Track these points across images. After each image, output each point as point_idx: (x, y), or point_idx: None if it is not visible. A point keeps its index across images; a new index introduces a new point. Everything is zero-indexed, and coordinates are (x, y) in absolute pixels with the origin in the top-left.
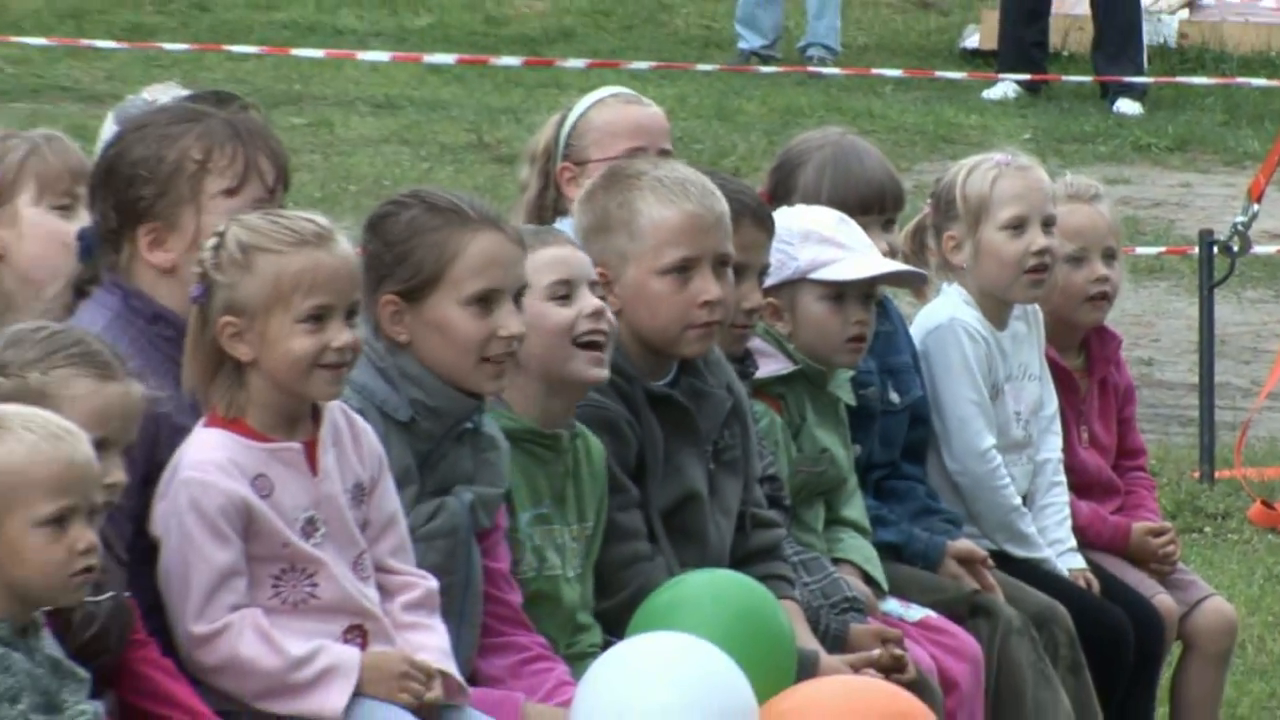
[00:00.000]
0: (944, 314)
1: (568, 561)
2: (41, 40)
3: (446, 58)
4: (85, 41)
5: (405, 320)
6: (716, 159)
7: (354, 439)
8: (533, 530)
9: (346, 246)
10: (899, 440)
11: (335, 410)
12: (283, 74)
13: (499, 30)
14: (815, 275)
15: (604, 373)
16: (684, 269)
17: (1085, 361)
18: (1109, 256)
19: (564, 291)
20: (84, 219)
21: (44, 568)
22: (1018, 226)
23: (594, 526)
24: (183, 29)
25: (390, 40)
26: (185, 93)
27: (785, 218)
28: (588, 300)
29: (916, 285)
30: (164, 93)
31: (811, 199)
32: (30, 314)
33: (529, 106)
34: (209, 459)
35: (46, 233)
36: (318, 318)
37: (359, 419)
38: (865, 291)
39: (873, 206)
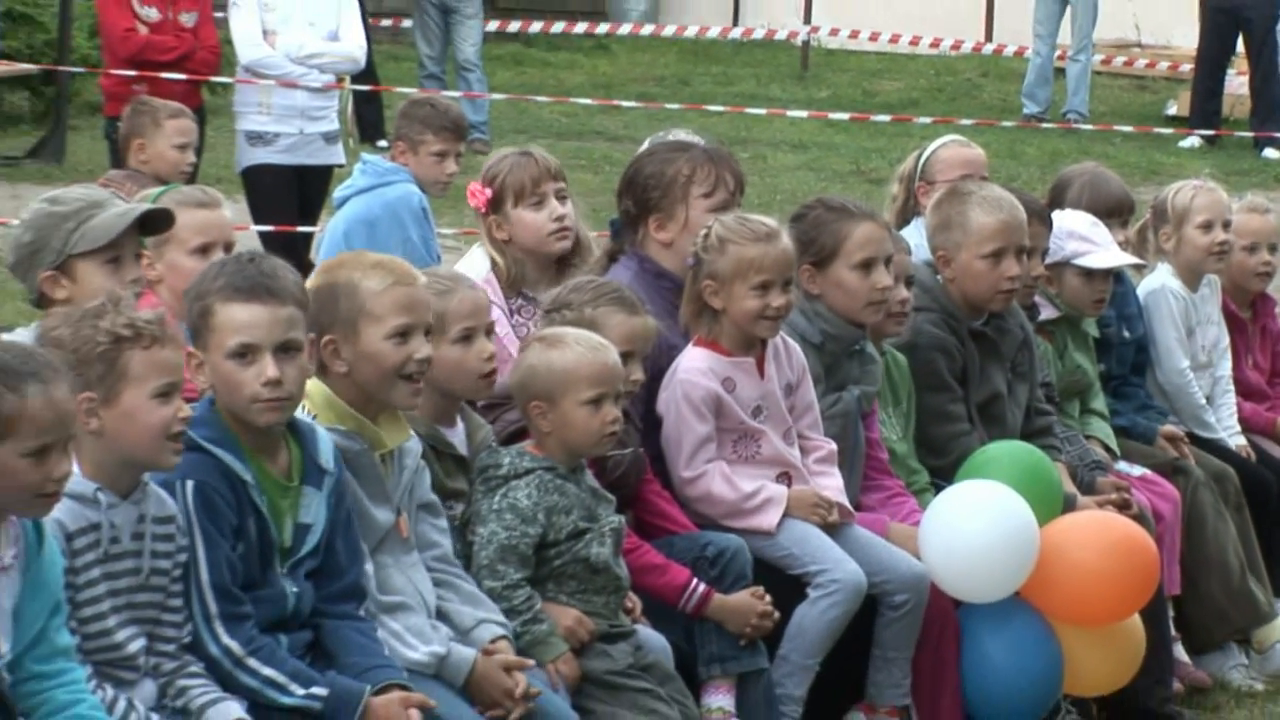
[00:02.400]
0: (1158, 282)
1: (893, 429)
2: (585, 100)
3: (841, 115)
4: (614, 101)
5: (818, 280)
6: (1011, 182)
7: (786, 354)
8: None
9: (787, 242)
10: (1128, 361)
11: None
12: (736, 125)
13: (872, 99)
14: (1076, 262)
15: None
16: (997, 255)
17: (1252, 314)
18: (1272, 248)
19: None
20: (552, 210)
21: (586, 432)
22: (1207, 226)
23: (906, 408)
24: (673, 95)
25: (804, 104)
26: (687, 136)
27: (1057, 219)
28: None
29: (1139, 267)
30: (681, 134)
31: (1074, 207)
32: (541, 279)
33: (891, 148)
34: (696, 366)
35: (529, 223)
36: (764, 287)
37: (790, 341)
38: (1107, 272)
39: (1114, 212)
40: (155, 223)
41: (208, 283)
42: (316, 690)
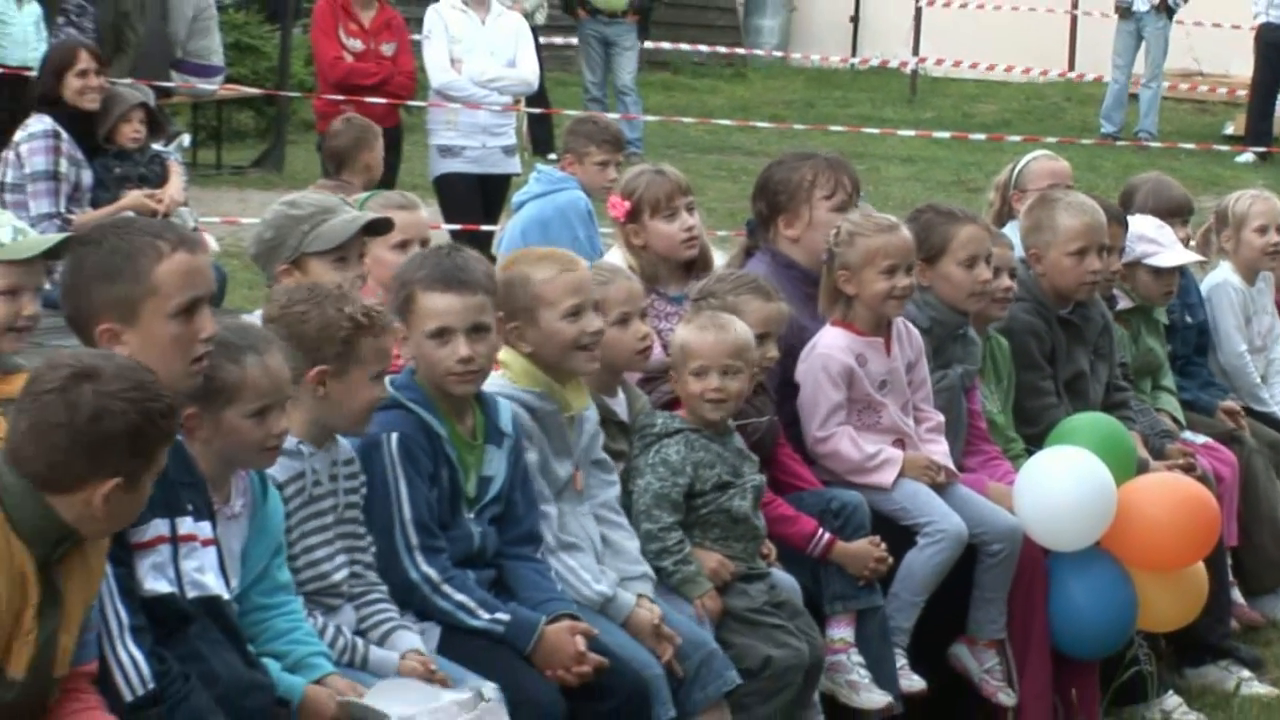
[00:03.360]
0: (1220, 277)
1: (993, 402)
2: (725, 120)
3: (943, 134)
4: (749, 121)
5: (928, 274)
6: (1090, 192)
7: (908, 336)
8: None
9: (906, 234)
10: (1191, 342)
11: (898, 320)
12: (854, 142)
13: (971, 120)
14: (1147, 261)
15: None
16: (1081, 253)
17: None
18: None
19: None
20: (683, 221)
21: (705, 404)
22: (1263, 230)
23: (1006, 385)
24: (799, 116)
25: (912, 124)
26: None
27: (1130, 224)
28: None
29: (1202, 263)
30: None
31: (1141, 209)
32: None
33: (986, 162)
34: (834, 343)
35: (663, 233)
36: (890, 271)
37: (910, 325)
38: (1174, 269)
39: (1176, 213)
40: (376, 228)
41: (412, 272)
42: (500, 616)
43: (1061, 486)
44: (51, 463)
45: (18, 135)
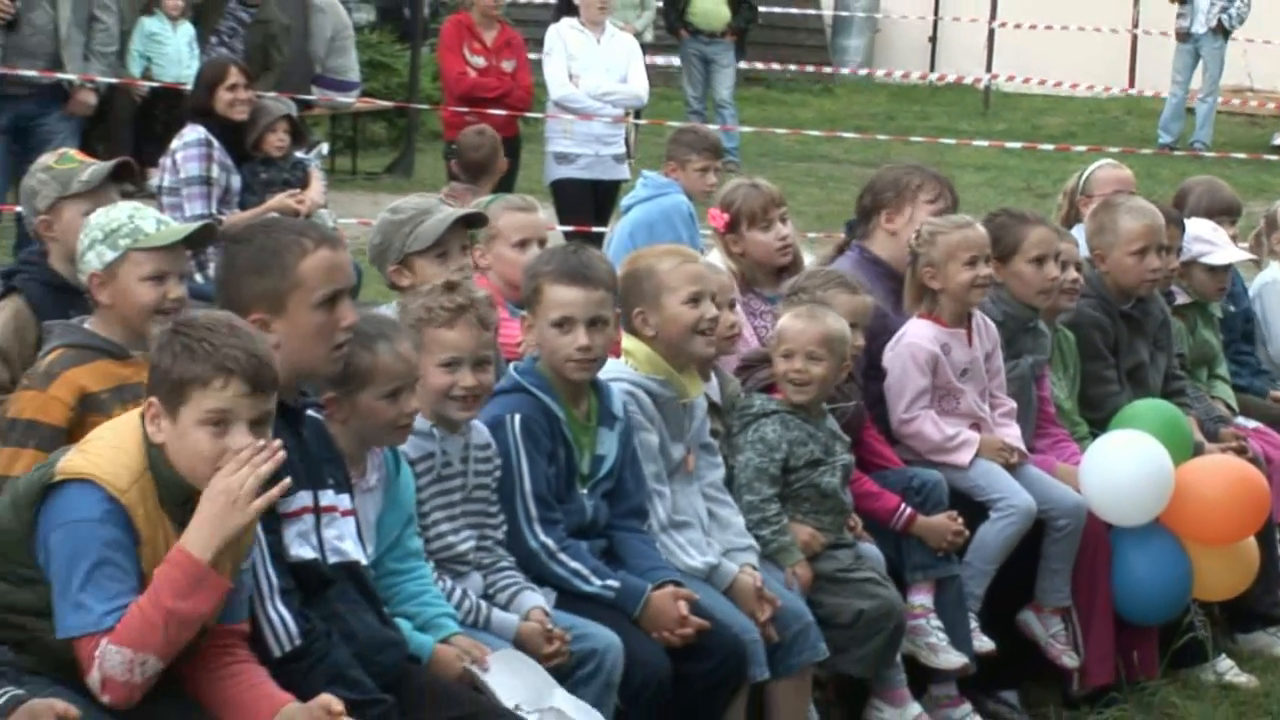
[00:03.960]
0: (1270, 276)
1: (1061, 389)
2: (814, 132)
3: (1014, 144)
4: (836, 132)
5: (1001, 271)
6: (1149, 197)
7: (985, 329)
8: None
9: (981, 228)
10: (1237, 329)
11: (978, 314)
12: (932, 152)
13: (1039, 131)
14: (1202, 260)
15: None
16: (1142, 252)
17: None
18: None
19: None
20: (778, 231)
21: (788, 384)
22: None
23: (1073, 374)
24: (882, 128)
25: (985, 135)
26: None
27: (1187, 226)
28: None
29: (1251, 262)
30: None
31: (1195, 209)
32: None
33: (1054, 170)
34: (921, 333)
35: (760, 242)
36: (972, 262)
37: (987, 318)
38: (1226, 266)
39: (1226, 212)
40: (474, 221)
41: (541, 266)
42: (610, 582)
43: (1123, 467)
44: None
45: (174, 144)
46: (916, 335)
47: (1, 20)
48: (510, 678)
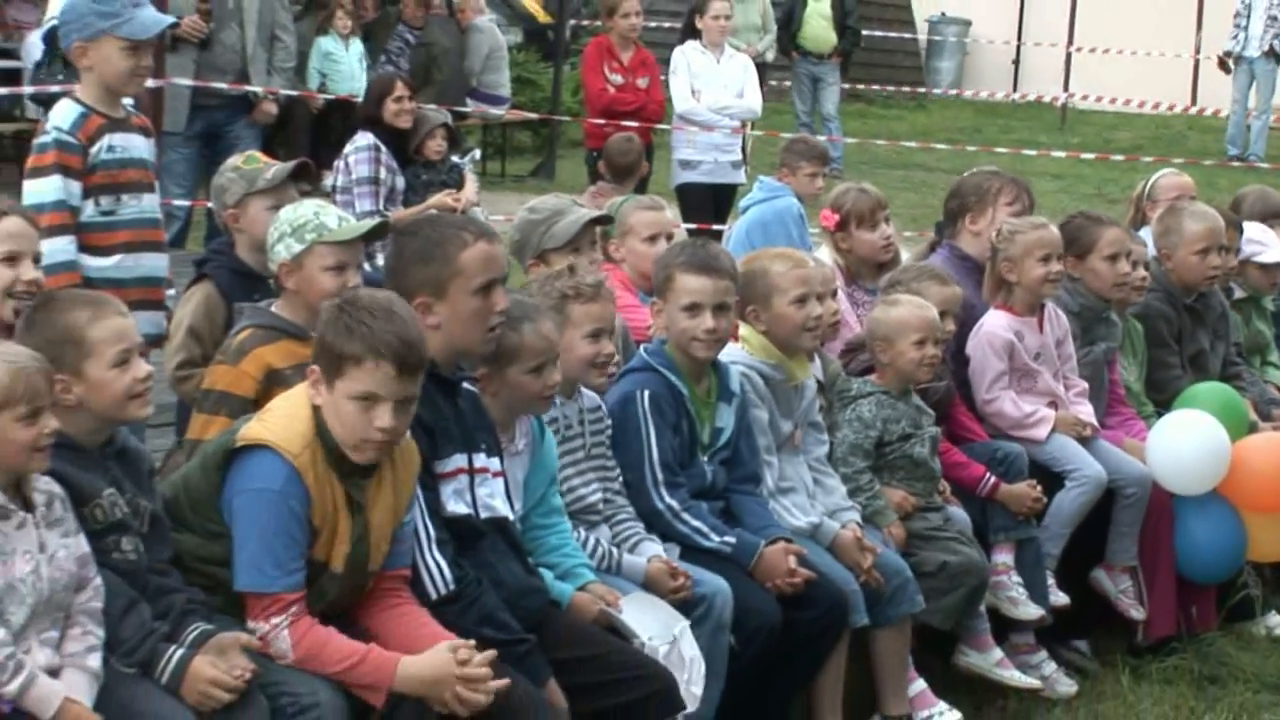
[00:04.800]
0: None
1: (1130, 373)
2: (909, 143)
3: (1088, 155)
4: (929, 144)
5: (1078, 267)
6: (1209, 202)
7: (1056, 319)
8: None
9: (1055, 230)
10: None
11: (1049, 305)
12: (1014, 162)
13: (1110, 144)
14: (1256, 259)
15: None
16: (1204, 252)
17: None
18: None
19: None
20: (882, 231)
21: (911, 363)
22: None
23: (1141, 359)
24: (969, 140)
25: (1062, 147)
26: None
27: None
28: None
29: None
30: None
31: (1249, 214)
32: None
33: (1123, 179)
34: (998, 322)
35: (866, 240)
36: (1046, 259)
37: (1058, 310)
38: (1276, 263)
39: (1277, 217)
40: (602, 222)
41: (673, 257)
42: (728, 539)
43: (1185, 443)
44: None
45: (347, 149)
46: (993, 324)
47: (195, 39)
48: (641, 615)
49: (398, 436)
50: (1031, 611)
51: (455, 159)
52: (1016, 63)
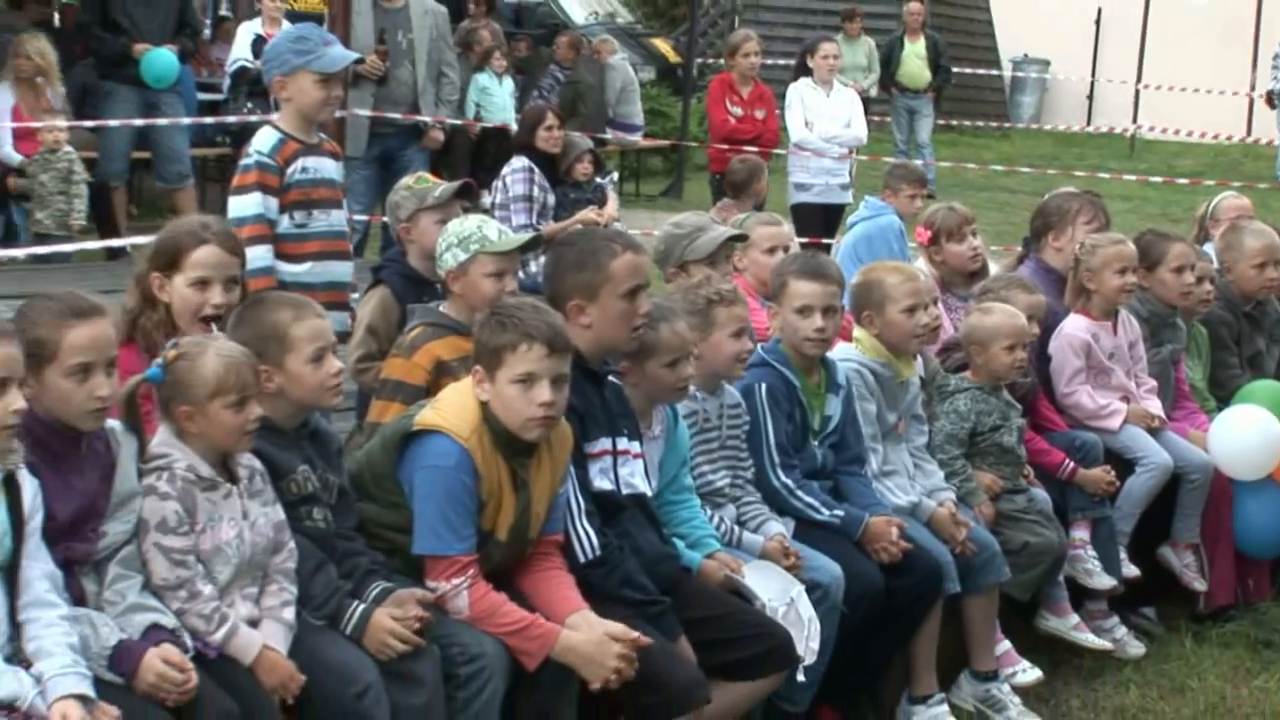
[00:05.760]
0: None
1: (1195, 372)
2: (996, 167)
3: (1155, 180)
4: (1013, 168)
5: (1147, 278)
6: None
7: (1128, 322)
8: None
9: (1132, 246)
10: None
11: (1122, 311)
12: (1087, 184)
13: (1174, 170)
14: None
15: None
16: (1261, 265)
17: None
18: None
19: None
20: (970, 244)
21: (1002, 365)
22: None
23: (1204, 360)
24: (1048, 165)
25: (1131, 173)
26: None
27: None
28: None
29: None
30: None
31: None
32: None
33: (1185, 201)
34: (1077, 325)
35: (957, 253)
36: (1123, 271)
37: (1131, 316)
38: None
39: None
40: (737, 239)
41: (787, 266)
42: (837, 513)
43: (1243, 434)
44: None
45: (505, 170)
46: (1073, 327)
47: (374, 76)
48: (761, 579)
49: (558, 411)
50: (1105, 582)
51: (599, 180)
52: (1090, 98)
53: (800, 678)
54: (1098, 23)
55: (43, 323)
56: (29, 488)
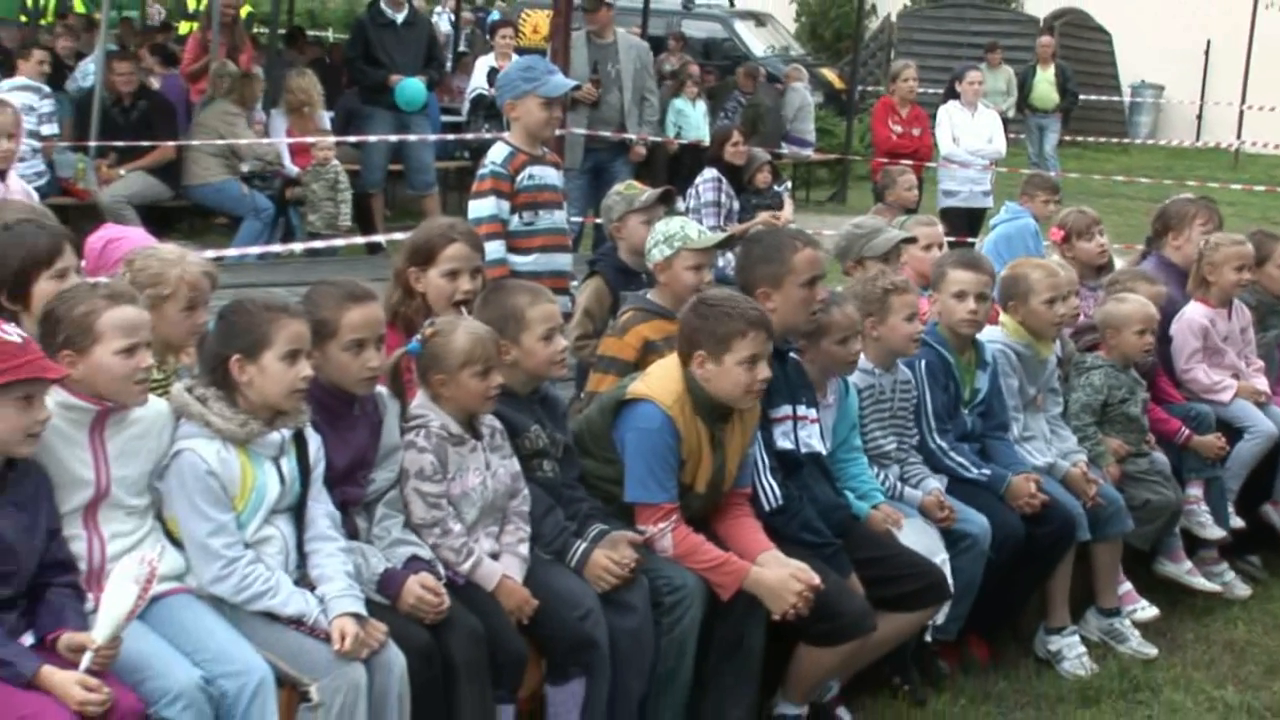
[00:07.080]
0: None
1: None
2: (1117, 177)
3: (1258, 188)
4: (1132, 179)
5: (1257, 273)
6: None
7: (1240, 309)
8: None
9: (1250, 246)
10: None
11: (1236, 299)
12: (1197, 193)
13: (1274, 180)
14: None
15: None
16: None
17: None
18: None
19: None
20: (1098, 243)
21: (1135, 348)
22: None
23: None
24: (1162, 176)
25: (1235, 182)
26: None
27: None
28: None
29: None
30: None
31: None
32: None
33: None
34: (1195, 312)
35: (1085, 249)
36: (1241, 268)
37: (1243, 304)
38: None
39: None
40: (910, 241)
41: (946, 258)
42: (984, 471)
43: None
44: None
45: (697, 180)
46: (1193, 312)
47: (588, 102)
48: (916, 536)
49: (767, 384)
50: (1215, 533)
51: (776, 188)
52: (1200, 117)
53: (938, 620)
54: (1207, 51)
55: (326, 305)
56: (314, 442)
